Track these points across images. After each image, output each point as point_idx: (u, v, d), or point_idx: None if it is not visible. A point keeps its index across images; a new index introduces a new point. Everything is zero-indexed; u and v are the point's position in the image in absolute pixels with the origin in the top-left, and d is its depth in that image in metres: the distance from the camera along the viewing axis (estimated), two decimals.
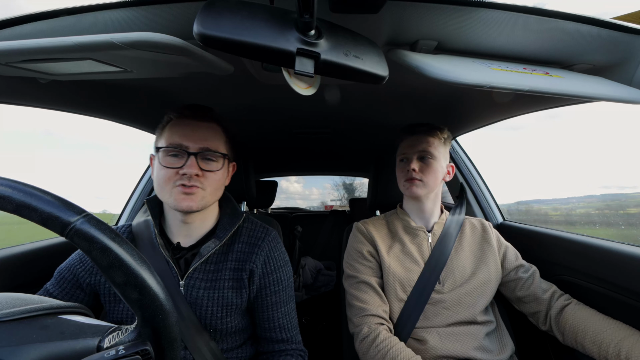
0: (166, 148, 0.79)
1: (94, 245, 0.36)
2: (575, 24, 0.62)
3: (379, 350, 0.86)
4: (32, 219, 0.36)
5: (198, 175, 0.78)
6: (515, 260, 1.05)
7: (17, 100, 0.84)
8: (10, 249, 1.00)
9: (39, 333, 0.40)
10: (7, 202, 0.35)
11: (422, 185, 1.02)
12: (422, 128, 1.06)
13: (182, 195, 0.77)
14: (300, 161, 2.57)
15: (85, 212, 0.38)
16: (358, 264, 1.04)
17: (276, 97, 1.11)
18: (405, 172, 1.05)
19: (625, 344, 0.77)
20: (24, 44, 0.51)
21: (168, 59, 0.58)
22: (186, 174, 0.76)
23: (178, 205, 0.77)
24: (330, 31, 0.51)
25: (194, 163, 0.77)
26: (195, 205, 0.78)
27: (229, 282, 0.83)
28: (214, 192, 0.83)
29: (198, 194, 0.78)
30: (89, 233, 0.36)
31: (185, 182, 0.77)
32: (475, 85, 0.53)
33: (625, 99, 0.60)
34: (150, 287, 0.39)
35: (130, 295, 0.38)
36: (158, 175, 0.79)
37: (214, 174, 0.81)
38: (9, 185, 0.36)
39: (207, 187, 0.80)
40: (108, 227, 0.38)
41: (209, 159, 0.81)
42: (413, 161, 1.03)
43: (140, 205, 1.56)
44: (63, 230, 0.36)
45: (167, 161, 0.78)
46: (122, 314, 0.80)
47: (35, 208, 0.36)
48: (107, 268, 0.37)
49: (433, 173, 1.03)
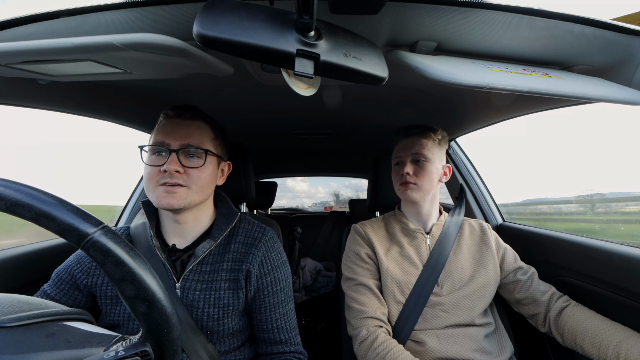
0: (150, 146, 0.79)
1: (108, 258, 0.37)
2: (574, 25, 0.62)
3: (378, 352, 0.85)
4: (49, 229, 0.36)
5: (179, 172, 0.77)
6: (514, 262, 1.05)
7: (17, 101, 0.84)
8: (8, 251, 1.00)
9: (45, 341, 0.40)
10: (27, 210, 0.35)
11: (417, 189, 1.02)
12: (416, 130, 1.05)
13: (164, 193, 0.76)
14: (299, 162, 2.57)
15: (103, 225, 0.38)
16: (356, 266, 1.03)
17: (275, 97, 1.11)
18: (399, 176, 1.04)
19: (624, 345, 0.77)
20: (24, 45, 0.51)
21: (167, 60, 0.58)
22: (166, 170, 0.75)
23: (160, 203, 0.76)
24: (329, 32, 0.51)
25: (174, 159, 0.76)
26: (177, 203, 0.76)
27: (225, 283, 0.82)
28: (200, 190, 0.81)
29: (181, 193, 0.77)
30: (105, 246, 0.37)
31: (167, 180, 0.76)
32: (475, 87, 0.53)
33: (625, 100, 0.61)
34: (159, 302, 0.39)
35: (139, 309, 0.39)
36: (144, 174, 0.80)
37: (198, 171, 0.79)
38: (28, 193, 0.36)
39: (190, 184, 0.78)
40: (123, 241, 0.39)
41: (191, 155, 0.80)
42: (407, 165, 1.02)
43: (138, 207, 1.56)
44: (80, 242, 0.36)
45: (151, 159, 0.79)
46: (119, 316, 0.79)
47: (55, 218, 0.36)
48: (119, 281, 0.37)
49: (427, 176, 1.02)
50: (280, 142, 1.88)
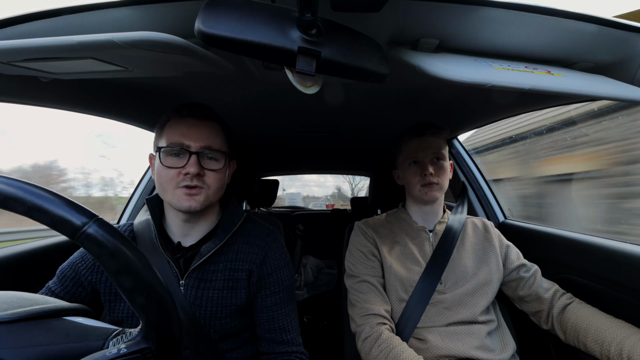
0: (167, 148, 0.78)
1: (103, 249, 0.37)
2: (577, 23, 0.62)
3: (381, 350, 0.85)
4: (43, 222, 0.36)
5: (200, 175, 0.77)
6: (516, 259, 1.05)
7: (19, 99, 0.84)
8: (13, 248, 1.01)
9: (44, 335, 0.40)
10: (19, 204, 0.35)
11: (439, 188, 1.02)
12: (431, 130, 1.04)
13: (186, 196, 0.77)
14: (301, 160, 2.57)
15: (96, 217, 0.38)
16: (360, 264, 1.04)
17: (277, 95, 1.11)
18: (421, 177, 1.02)
19: (627, 343, 0.77)
20: (26, 43, 0.51)
21: (169, 58, 0.58)
22: (189, 173, 0.76)
23: (181, 205, 0.77)
24: (331, 30, 0.51)
25: (195, 162, 0.77)
26: (199, 205, 0.78)
27: (228, 282, 0.82)
28: (217, 191, 0.82)
29: (201, 194, 0.78)
30: (99, 238, 0.37)
31: (188, 183, 0.76)
32: (477, 84, 0.53)
33: (627, 97, 0.60)
34: (157, 293, 0.39)
35: (137, 300, 0.38)
36: (160, 176, 0.79)
37: (216, 173, 0.80)
38: (20, 187, 0.36)
39: (210, 186, 0.79)
40: (118, 232, 0.38)
41: (210, 158, 0.81)
42: (428, 165, 1.01)
43: (141, 204, 1.56)
44: (74, 234, 0.36)
45: (169, 161, 0.78)
46: (122, 312, 0.80)
47: (47, 211, 0.36)
48: (116, 273, 0.37)
49: (446, 174, 1.04)
50: (282, 140, 1.88)
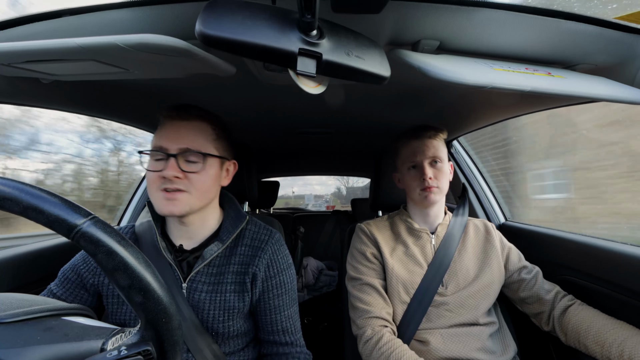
0: (150, 152, 0.78)
1: (99, 248, 0.36)
2: (577, 24, 0.62)
3: (383, 352, 0.85)
4: (38, 221, 0.36)
5: (179, 178, 0.75)
6: (518, 261, 1.05)
7: (20, 100, 0.84)
8: (15, 249, 1.01)
9: (42, 335, 0.40)
10: (15, 204, 0.35)
11: (439, 192, 1.01)
12: (429, 132, 1.04)
13: (165, 200, 0.75)
14: (302, 161, 2.58)
15: (92, 215, 0.38)
16: (361, 266, 1.03)
17: (278, 97, 1.11)
18: (420, 181, 1.01)
19: (628, 344, 0.77)
20: (27, 46, 0.51)
21: (170, 60, 0.58)
22: (165, 177, 0.74)
23: (161, 210, 0.75)
24: (332, 31, 0.51)
25: (173, 165, 0.74)
26: (178, 210, 0.75)
27: (231, 285, 0.82)
28: (201, 194, 0.79)
29: (182, 199, 0.75)
30: (95, 236, 0.36)
31: (167, 186, 0.74)
32: (477, 86, 0.53)
33: (627, 99, 0.60)
34: (154, 291, 0.39)
35: (134, 299, 0.38)
36: (147, 180, 0.79)
37: (199, 175, 0.77)
38: (16, 187, 0.36)
39: (192, 190, 0.76)
40: (114, 230, 0.38)
41: (190, 160, 0.77)
42: (427, 168, 1.00)
43: (142, 205, 1.56)
44: (69, 233, 0.36)
45: (151, 165, 0.77)
46: (125, 315, 0.79)
47: (42, 210, 0.36)
48: (112, 271, 0.37)
49: (445, 177, 1.03)
50: (283, 141, 1.88)
